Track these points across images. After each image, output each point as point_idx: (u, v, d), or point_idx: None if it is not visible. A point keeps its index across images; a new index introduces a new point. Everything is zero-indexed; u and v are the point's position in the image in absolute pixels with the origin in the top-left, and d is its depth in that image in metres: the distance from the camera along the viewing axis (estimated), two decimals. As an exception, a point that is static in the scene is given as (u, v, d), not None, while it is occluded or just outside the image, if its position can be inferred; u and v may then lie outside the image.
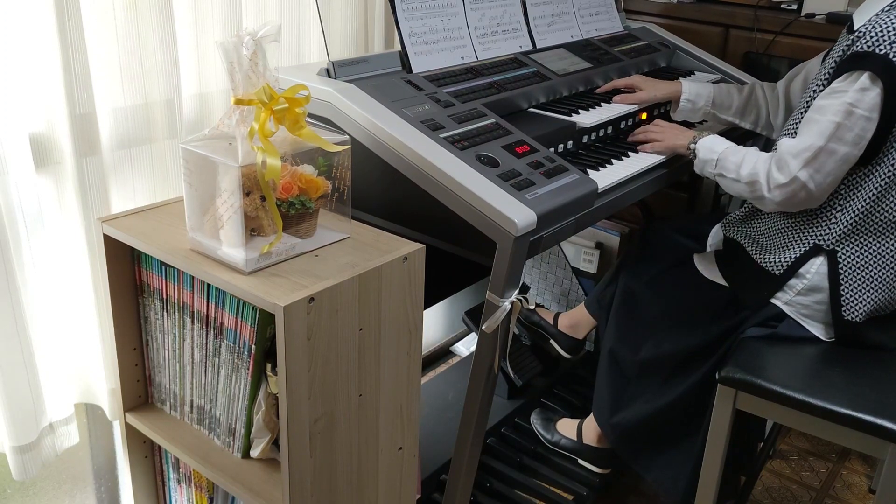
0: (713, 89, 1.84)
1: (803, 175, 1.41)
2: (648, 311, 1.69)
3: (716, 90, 1.84)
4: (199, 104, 1.53)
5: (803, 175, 1.41)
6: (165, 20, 1.39)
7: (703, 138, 1.61)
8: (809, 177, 1.41)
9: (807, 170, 1.41)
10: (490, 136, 1.44)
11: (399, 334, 1.22)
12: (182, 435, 1.33)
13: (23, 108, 1.27)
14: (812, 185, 1.42)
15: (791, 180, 1.42)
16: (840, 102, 1.38)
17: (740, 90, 1.86)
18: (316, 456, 1.14)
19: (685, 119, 1.86)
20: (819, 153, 1.39)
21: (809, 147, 1.40)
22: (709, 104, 1.83)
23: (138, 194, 1.47)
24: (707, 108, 1.83)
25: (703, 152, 1.59)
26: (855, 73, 1.37)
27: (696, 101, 1.83)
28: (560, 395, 2.24)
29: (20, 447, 1.38)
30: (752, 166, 1.48)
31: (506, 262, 1.26)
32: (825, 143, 1.39)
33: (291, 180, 1.13)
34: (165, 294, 1.27)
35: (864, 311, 1.50)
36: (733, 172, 1.52)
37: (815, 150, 1.40)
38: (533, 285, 2.53)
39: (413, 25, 1.62)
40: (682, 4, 2.36)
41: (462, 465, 1.44)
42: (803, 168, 1.41)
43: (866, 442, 1.36)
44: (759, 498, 2.05)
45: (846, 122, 1.37)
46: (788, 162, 1.42)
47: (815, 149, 1.39)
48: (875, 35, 1.35)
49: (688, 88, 1.83)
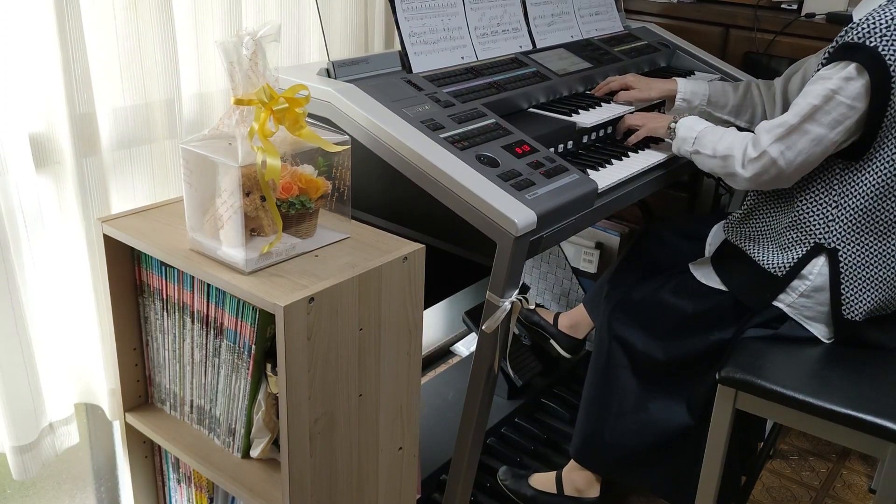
0: (708, 87, 1.83)
1: (773, 150, 1.43)
2: (648, 323, 1.67)
3: (711, 88, 1.84)
4: (199, 104, 1.53)
5: (773, 150, 1.43)
6: (165, 20, 1.39)
7: (683, 118, 1.63)
8: (780, 153, 1.42)
9: (777, 145, 1.42)
10: (490, 136, 1.44)
11: (399, 334, 1.22)
12: (182, 435, 1.33)
13: (23, 108, 1.27)
14: (782, 162, 1.43)
15: (761, 154, 1.44)
16: (823, 87, 1.39)
17: (735, 88, 1.85)
18: (316, 456, 1.14)
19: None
20: (792, 131, 1.41)
21: (783, 124, 1.42)
22: (704, 102, 1.83)
23: (138, 194, 1.47)
24: (703, 106, 1.83)
25: (682, 130, 1.60)
26: (843, 63, 1.38)
27: (691, 99, 1.83)
28: (560, 395, 2.24)
29: (20, 447, 1.38)
30: (729, 143, 1.50)
31: (506, 262, 1.26)
32: (799, 122, 1.40)
33: (291, 180, 1.13)
34: (165, 294, 1.27)
35: (864, 310, 1.50)
36: (709, 149, 1.53)
37: (788, 127, 1.41)
38: (533, 285, 2.53)
39: (413, 25, 1.62)
40: (682, 4, 2.36)
41: (462, 465, 1.44)
42: (774, 143, 1.43)
43: (866, 442, 1.36)
44: (759, 498, 2.05)
45: (825, 105, 1.38)
46: (761, 137, 1.45)
47: (788, 126, 1.41)
48: (867, 27, 1.36)
49: (683, 87, 1.82)
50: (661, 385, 1.65)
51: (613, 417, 1.69)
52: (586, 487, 1.80)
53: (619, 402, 1.69)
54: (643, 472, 1.70)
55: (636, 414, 1.67)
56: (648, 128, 1.70)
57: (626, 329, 1.67)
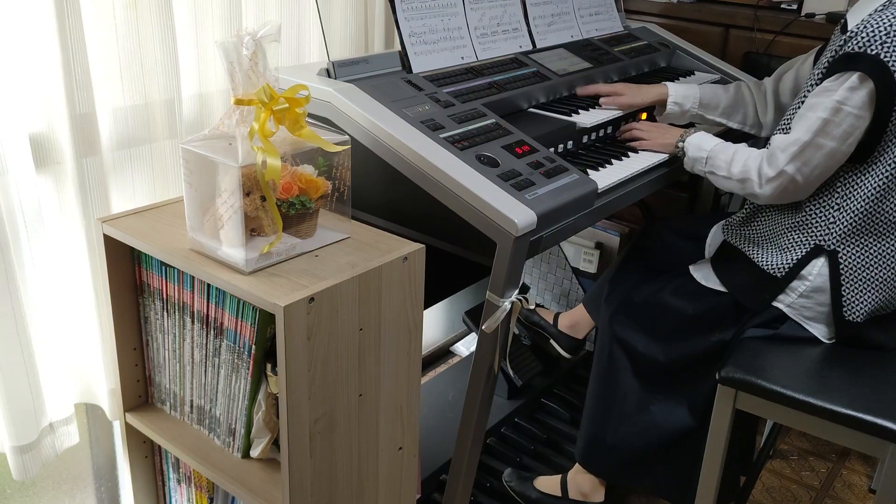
0: (699, 90, 1.82)
1: (790, 168, 1.44)
2: (648, 325, 1.66)
3: (702, 91, 1.82)
4: (199, 104, 1.53)
5: (790, 168, 1.44)
6: (165, 20, 1.39)
7: (690, 136, 1.62)
8: (797, 170, 1.44)
9: (794, 163, 1.44)
10: (490, 136, 1.43)
11: (399, 334, 1.22)
12: (182, 435, 1.33)
13: (23, 108, 1.27)
14: (800, 178, 1.45)
15: (779, 174, 1.45)
16: (829, 100, 1.40)
17: (726, 90, 1.85)
18: (316, 456, 1.14)
19: (672, 123, 1.84)
20: (806, 147, 1.42)
21: (796, 141, 1.43)
22: (696, 106, 1.82)
23: (138, 194, 1.47)
24: (694, 110, 1.82)
25: (692, 150, 1.60)
26: (846, 74, 1.38)
27: (683, 103, 1.81)
28: (560, 395, 2.24)
29: (20, 447, 1.38)
30: (744, 163, 1.50)
31: (506, 262, 1.26)
32: (812, 138, 1.41)
33: (291, 180, 1.13)
34: (165, 294, 1.27)
35: (864, 311, 1.50)
36: (724, 170, 1.54)
37: (801, 145, 1.42)
38: (533, 285, 2.53)
39: (413, 25, 1.62)
40: (682, 4, 2.36)
41: (462, 465, 1.44)
42: (790, 162, 1.44)
43: (866, 442, 1.36)
44: (759, 498, 2.05)
45: (834, 118, 1.39)
46: (777, 156, 1.46)
47: (802, 143, 1.42)
48: (866, 35, 1.36)
49: (674, 91, 1.80)
50: (663, 387, 1.65)
51: (616, 420, 1.69)
52: (591, 492, 1.80)
53: (620, 405, 1.69)
54: (645, 474, 1.70)
55: (638, 416, 1.67)
56: (655, 143, 1.68)
57: (628, 331, 1.67)
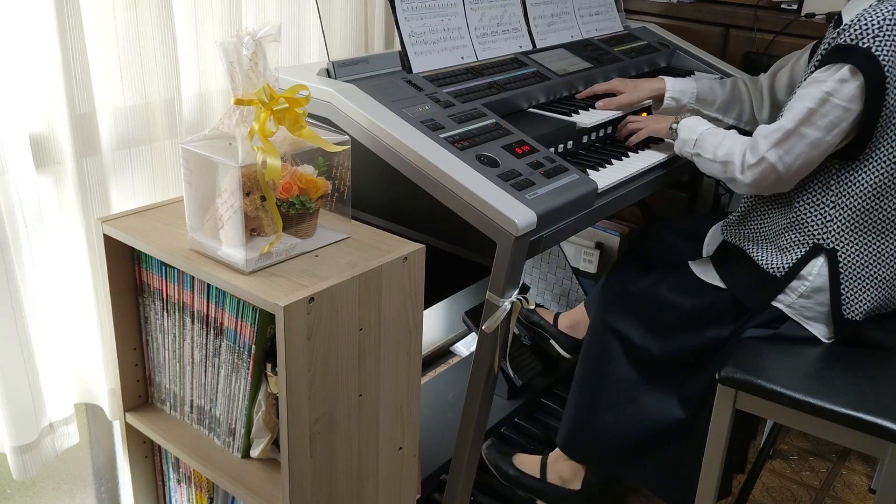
0: (696, 85, 1.83)
1: (772, 156, 1.43)
2: (644, 317, 1.66)
3: (699, 86, 1.83)
4: (199, 104, 1.53)
5: (772, 156, 1.43)
6: (165, 20, 1.39)
7: (685, 119, 1.63)
8: (778, 158, 1.43)
9: (776, 150, 1.43)
10: (490, 136, 1.44)
11: (399, 334, 1.22)
12: (182, 435, 1.33)
13: (23, 108, 1.27)
14: (781, 167, 1.43)
15: (760, 160, 1.44)
16: (818, 90, 1.39)
17: (723, 85, 1.85)
18: (316, 456, 1.14)
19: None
20: (789, 135, 1.42)
21: (780, 129, 1.43)
22: (692, 101, 1.82)
23: (138, 194, 1.47)
24: (691, 104, 1.83)
25: (684, 132, 1.60)
26: (837, 65, 1.38)
27: (680, 98, 1.82)
28: (560, 395, 2.23)
29: (20, 447, 1.38)
30: (729, 148, 1.50)
31: (506, 262, 1.26)
32: (795, 127, 1.41)
33: (291, 180, 1.13)
34: (165, 294, 1.27)
35: (864, 309, 1.50)
36: (710, 153, 1.54)
37: (784, 132, 1.42)
38: (533, 285, 2.53)
39: (413, 25, 1.62)
40: (682, 4, 2.36)
41: (462, 465, 1.44)
42: (772, 149, 1.43)
43: (866, 442, 1.36)
44: (759, 498, 2.05)
45: (820, 108, 1.39)
46: (759, 143, 1.45)
47: (785, 131, 1.42)
48: (859, 29, 1.36)
49: (671, 86, 1.81)
50: (655, 379, 1.65)
51: (604, 409, 1.68)
52: (570, 478, 1.79)
53: (610, 394, 1.68)
54: (632, 465, 1.69)
55: (628, 406, 1.66)
56: (650, 128, 1.70)
57: (623, 322, 1.67)
